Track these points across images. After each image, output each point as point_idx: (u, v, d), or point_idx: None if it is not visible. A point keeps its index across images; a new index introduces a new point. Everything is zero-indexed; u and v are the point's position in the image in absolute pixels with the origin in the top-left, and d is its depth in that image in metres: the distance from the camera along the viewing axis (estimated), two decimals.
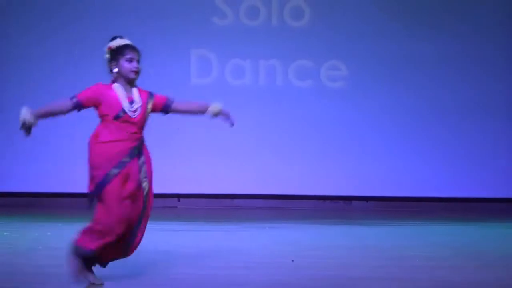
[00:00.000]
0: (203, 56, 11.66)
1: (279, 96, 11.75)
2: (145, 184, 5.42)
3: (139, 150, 5.33)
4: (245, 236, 8.39)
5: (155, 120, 10.30)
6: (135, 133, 5.29)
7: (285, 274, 5.65)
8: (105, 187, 5.13)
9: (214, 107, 5.56)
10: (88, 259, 5.24)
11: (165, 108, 5.60)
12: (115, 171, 5.15)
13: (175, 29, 11.57)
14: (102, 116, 5.31)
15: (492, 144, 11.94)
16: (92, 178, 5.21)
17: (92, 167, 5.21)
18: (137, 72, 5.35)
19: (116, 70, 5.32)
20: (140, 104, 5.32)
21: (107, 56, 5.37)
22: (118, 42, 5.39)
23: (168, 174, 11.52)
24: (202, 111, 5.63)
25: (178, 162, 11.45)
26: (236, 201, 11.76)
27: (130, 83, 5.36)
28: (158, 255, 6.48)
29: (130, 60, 5.32)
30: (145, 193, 5.43)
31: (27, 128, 5.25)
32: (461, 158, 11.89)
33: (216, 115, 5.57)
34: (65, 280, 5.19)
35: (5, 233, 7.99)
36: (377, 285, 5.18)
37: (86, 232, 5.20)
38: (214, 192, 11.58)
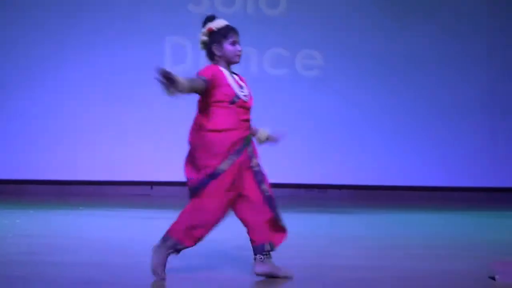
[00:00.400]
0: (178, 43, 11.58)
1: (254, 84, 11.62)
2: (257, 170, 4.99)
3: (249, 140, 4.99)
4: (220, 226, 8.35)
5: (128, 109, 10.14)
6: (247, 120, 4.94)
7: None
8: (215, 179, 4.82)
9: (262, 133, 5.14)
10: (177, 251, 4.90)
11: None
12: (229, 162, 4.81)
13: (150, 15, 11.50)
14: (214, 102, 4.84)
15: (466, 136, 12.02)
16: (201, 168, 4.89)
17: (203, 157, 4.88)
18: (240, 56, 5.03)
19: (219, 53, 4.96)
20: (248, 90, 5.00)
21: (206, 38, 5.00)
22: (219, 23, 5.05)
23: (141, 162, 11.47)
24: (252, 134, 5.06)
25: (151, 150, 11.39)
26: None
27: (230, 67, 5.01)
28: (130, 242, 6.42)
29: (234, 43, 4.99)
30: (259, 181, 4.98)
31: (166, 84, 4.44)
32: (433, 148, 11.97)
33: (262, 142, 5.16)
34: (35, 266, 5.12)
35: None
36: (356, 273, 5.15)
37: (187, 227, 4.84)
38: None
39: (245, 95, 4.91)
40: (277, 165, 11.84)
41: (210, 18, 5.07)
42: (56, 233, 7.15)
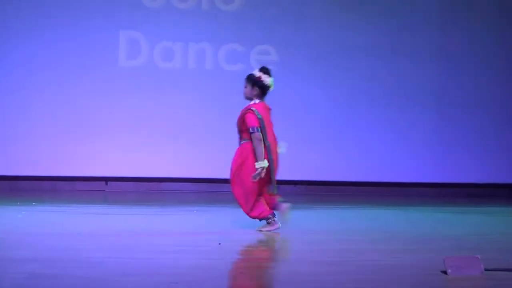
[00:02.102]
0: (132, 37, 11.49)
1: (209, 79, 11.67)
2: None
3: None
4: (173, 219, 8.33)
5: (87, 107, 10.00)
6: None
7: (212, 257, 5.58)
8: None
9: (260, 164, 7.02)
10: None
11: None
12: None
13: (104, 9, 11.38)
14: None
15: (422, 131, 12.09)
16: None
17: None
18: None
19: None
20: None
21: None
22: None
23: (96, 158, 11.37)
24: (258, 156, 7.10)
25: (105, 145, 11.31)
26: (164, 184, 11.67)
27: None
28: (83, 238, 6.35)
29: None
30: None
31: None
32: (393, 145, 12.02)
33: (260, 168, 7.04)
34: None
35: None
36: (305, 267, 5.14)
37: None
38: (142, 175, 11.47)
39: None
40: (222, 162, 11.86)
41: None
42: (7, 228, 7.06)
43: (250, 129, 7.05)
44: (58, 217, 8.15)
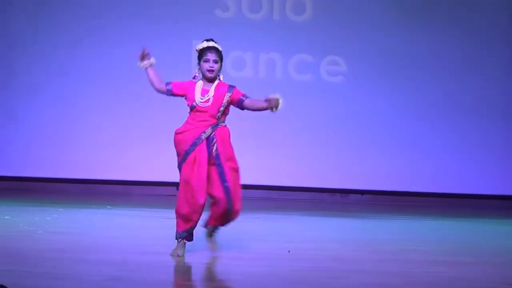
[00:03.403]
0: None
1: (278, 89, 11.55)
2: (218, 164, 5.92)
3: (208, 135, 5.89)
4: (240, 226, 8.36)
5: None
6: (205, 120, 5.90)
7: (282, 265, 5.60)
8: (180, 171, 5.97)
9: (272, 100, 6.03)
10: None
11: (238, 104, 6.11)
12: (185, 156, 5.90)
13: (178, 19, 11.51)
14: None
15: (491, 143, 11.91)
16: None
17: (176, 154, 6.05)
18: (212, 71, 5.99)
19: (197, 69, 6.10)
20: (211, 95, 5.92)
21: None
22: (201, 45, 6.14)
23: (168, 163, 11.48)
24: (264, 108, 6.11)
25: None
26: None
27: (209, 80, 6.01)
28: (154, 241, 6.43)
29: (206, 61, 6.03)
30: (219, 170, 5.91)
31: (142, 57, 6.23)
32: (459, 156, 11.86)
33: (275, 109, 6.04)
34: (63, 263, 5.14)
35: (6, 217, 7.95)
36: (374, 278, 5.13)
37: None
38: None
39: (203, 101, 5.91)
40: (301, 169, 11.85)
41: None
42: (83, 231, 7.19)
43: (243, 96, 6.06)
44: (131, 221, 8.26)
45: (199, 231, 6.02)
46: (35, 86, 11.49)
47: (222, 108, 5.95)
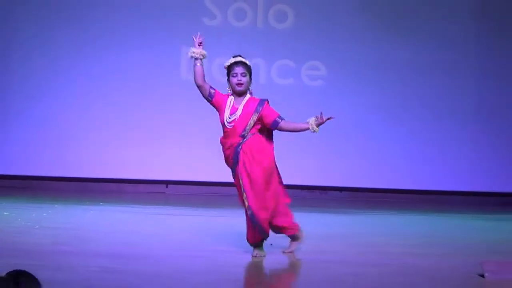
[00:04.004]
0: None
1: (262, 93, 11.65)
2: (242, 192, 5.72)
3: (236, 158, 5.69)
4: (227, 221, 8.36)
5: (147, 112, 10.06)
6: (232, 144, 5.70)
7: (266, 257, 5.59)
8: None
9: (311, 124, 5.95)
10: None
11: (273, 125, 5.90)
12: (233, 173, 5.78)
13: (168, 26, 11.51)
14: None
15: (461, 142, 11.97)
16: None
17: None
18: (241, 84, 5.76)
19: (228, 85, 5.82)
20: (238, 114, 5.67)
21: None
22: (228, 61, 5.93)
23: (158, 162, 11.48)
24: (305, 129, 5.99)
25: (167, 150, 11.41)
26: (222, 188, 11.71)
27: (239, 94, 5.76)
28: (145, 236, 6.42)
29: (234, 75, 5.79)
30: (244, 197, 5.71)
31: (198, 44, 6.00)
32: (431, 155, 11.92)
33: (317, 130, 5.99)
34: (59, 256, 5.12)
35: (5, 213, 7.92)
36: (352, 268, 5.14)
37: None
38: (201, 179, 11.52)
39: (229, 122, 5.66)
40: (283, 167, 11.85)
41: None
42: (78, 225, 7.17)
43: (278, 118, 5.93)
44: (123, 216, 8.24)
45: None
46: (33, 89, 11.46)
47: (248, 127, 5.70)
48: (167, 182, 11.73)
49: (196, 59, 5.87)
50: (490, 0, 12.07)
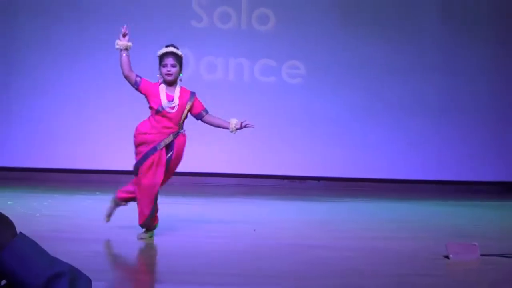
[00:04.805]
0: (182, 53, 11.54)
1: (246, 90, 11.71)
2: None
3: (168, 142, 5.48)
4: (213, 209, 8.36)
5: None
6: (169, 127, 5.47)
7: (249, 242, 5.60)
8: (137, 171, 5.52)
9: (232, 125, 5.65)
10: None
11: (198, 117, 5.68)
12: (144, 157, 5.47)
13: (157, 29, 11.49)
14: (149, 108, 5.57)
15: (428, 135, 12.03)
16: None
17: (135, 151, 5.61)
18: (170, 74, 5.52)
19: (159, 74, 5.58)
20: (177, 103, 5.47)
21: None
22: (160, 50, 5.69)
23: None
24: (225, 127, 5.70)
25: None
26: (207, 178, 11.72)
27: (169, 84, 5.54)
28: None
29: (165, 66, 5.56)
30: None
31: (123, 35, 5.69)
32: (402, 146, 11.97)
33: (234, 131, 5.67)
34: (58, 241, 5.10)
35: (8, 202, 7.89)
36: (331, 252, 5.15)
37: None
38: (188, 170, 11.50)
39: (170, 107, 5.46)
40: (265, 159, 11.87)
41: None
42: (76, 214, 7.16)
43: (203, 111, 5.69)
44: None
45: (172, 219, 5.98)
46: (34, 88, 11.43)
47: (184, 116, 5.54)
48: None
49: (121, 50, 5.58)
50: (456, 2, 12.15)
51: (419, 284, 4.13)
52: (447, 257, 4.87)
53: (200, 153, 11.27)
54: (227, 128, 5.65)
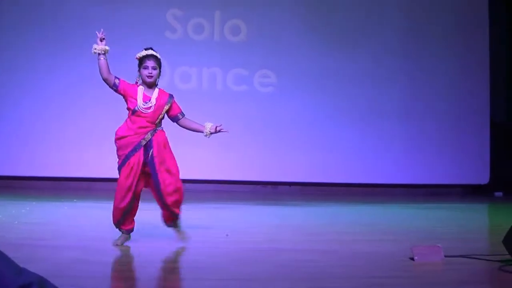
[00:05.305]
0: None
1: (219, 98, 11.72)
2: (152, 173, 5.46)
3: (147, 141, 5.43)
4: (187, 215, 8.33)
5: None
6: (145, 127, 5.42)
7: (222, 246, 5.59)
8: (119, 173, 5.47)
9: (206, 128, 5.63)
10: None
11: (174, 119, 5.65)
12: (125, 160, 5.42)
13: (132, 40, 11.46)
14: (127, 109, 5.51)
15: (395, 140, 12.12)
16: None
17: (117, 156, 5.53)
18: (151, 76, 5.47)
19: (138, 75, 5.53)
20: (154, 103, 5.43)
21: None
22: (140, 53, 5.60)
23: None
24: (200, 131, 5.68)
25: None
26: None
27: (148, 86, 5.50)
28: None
29: (146, 68, 5.50)
30: (154, 179, 5.48)
31: (100, 39, 5.63)
32: (372, 151, 12.04)
33: (209, 135, 5.66)
34: (36, 249, 5.05)
35: None
36: (301, 255, 5.15)
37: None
38: None
39: (145, 107, 5.42)
40: (238, 165, 11.87)
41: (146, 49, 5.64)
42: (53, 221, 7.09)
43: (180, 114, 5.67)
44: (94, 212, 8.18)
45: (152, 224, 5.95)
46: (8, 97, 11.34)
47: (161, 116, 5.50)
48: None
49: (99, 54, 5.54)
50: (414, 16, 12.28)
51: (385, 285, 4.15)
52: (412, 259, 4.90)
53: (178, 158, 11.26)
54: (202, 131, 5.64)
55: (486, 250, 5.50)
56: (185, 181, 11.97)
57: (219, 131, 5.64)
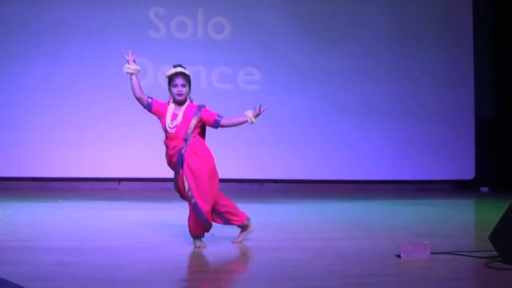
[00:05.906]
0: (140, 62, 11.45)
1: (203, 97, 11.64)
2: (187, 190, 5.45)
3: (181, 160, 5.45)
4: (173, 214, 8.30)
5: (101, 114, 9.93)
6: (175, 146, 5.45)
7: (208, 246, 5.57)
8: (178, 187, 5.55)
9: (249, 117, 5.73)
10: None
11: (214, 126, 5.67)
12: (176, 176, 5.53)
13: (116, 39, 11.43)
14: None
15: (377, 136, 12.14)
16: None
17: None
18: (181, 94, 5.50)
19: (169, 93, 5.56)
20: (179, 120, 5.44)
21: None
22: (169, 71, 5.65)
23: (110, 160, 11.36)
24: (243, 122, 5.75)
25: (119, 149, 11.32)
26: (168, 184, 11.66)
27: (179, 103, 5.52)
28: (100, 230, 6.33)
29: (175, 86, 5.54)
30: (189, 194, 5.45)
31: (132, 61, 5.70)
32: (358, 148, 12.06)
33: (253, 121, 5.73)
34: (21, 250, 5.01)
35: None
36: (287, 253, 5.14)
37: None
38: (150, 176, 11.45)
39: (172, 127, 5.46)
40: (224, 163, 11.85)
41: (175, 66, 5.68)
42: (38, 222, 7.05)
43: (218, 117, 5.71)
44: (79, 212, 8.14)
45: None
46: None
47: (189, 131, 5.48)
48: (119, 179, 11.63)
49: (131, 74, 5.63)
50: (400, 14, 12.31)
51: (371, 283, 4.14)
52: (399, 256, 4.90)
53: (162, 159, 11.22)
54: (246, 122, 5.71)
55: (472, 246, 5.51)
56: (170, 180, 11.92)
57: (262, 111, 5.71)
